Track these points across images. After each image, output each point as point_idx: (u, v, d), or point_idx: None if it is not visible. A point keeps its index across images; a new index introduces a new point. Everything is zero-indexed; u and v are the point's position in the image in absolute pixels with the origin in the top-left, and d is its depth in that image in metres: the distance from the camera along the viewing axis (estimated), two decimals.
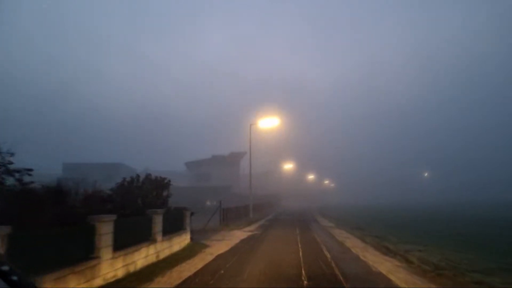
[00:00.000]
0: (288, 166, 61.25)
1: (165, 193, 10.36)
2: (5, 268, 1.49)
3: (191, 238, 11.36)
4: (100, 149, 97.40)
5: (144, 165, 54.63)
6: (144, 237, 7.74)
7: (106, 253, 5.86)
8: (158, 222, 8.30)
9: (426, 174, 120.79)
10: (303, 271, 7.18)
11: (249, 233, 15.36)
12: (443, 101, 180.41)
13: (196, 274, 7.01)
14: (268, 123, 24.89)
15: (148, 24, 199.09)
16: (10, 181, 6.24)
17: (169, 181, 10.68)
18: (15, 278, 1.50)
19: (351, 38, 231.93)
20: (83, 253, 5.43)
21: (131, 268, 6.86)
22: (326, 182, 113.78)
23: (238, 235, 14.42)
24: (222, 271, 7.19)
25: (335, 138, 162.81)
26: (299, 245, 11.41)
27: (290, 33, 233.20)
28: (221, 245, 11.33)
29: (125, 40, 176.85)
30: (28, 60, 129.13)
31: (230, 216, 19.34)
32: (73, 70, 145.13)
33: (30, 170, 6.39)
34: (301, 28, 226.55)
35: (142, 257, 7.40)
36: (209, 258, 8.92)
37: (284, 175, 77.80)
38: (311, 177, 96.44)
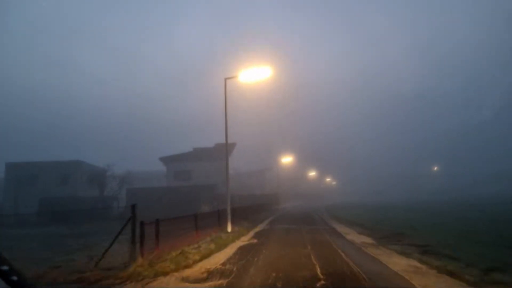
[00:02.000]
0: (287, 160, 52.02)
1: None
2: (5, 268, 1.47)
3: None
4: (67, 148, 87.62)
5: (125, 165, 41.68)
6: None
7: None
8: None
9: (435, 168, 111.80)
10: None
11: None
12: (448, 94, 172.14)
13: None
14: (254, 75, 15.32)
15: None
16: None
17: None
18: (15, 278, 1.47)
19: (355, 31, 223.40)
20: None
21: None
22: (328, 179, 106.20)
23: None
24: None
25: (335, 137, 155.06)
26: None
27: (291, 27, 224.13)
28: None
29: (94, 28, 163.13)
30: None
31: (174, 234, 9.55)
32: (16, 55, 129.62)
33: None
34: (301, 24, 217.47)
35: None
36: None
37: (283, 172, 69.18)
38: (312, 174, 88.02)
